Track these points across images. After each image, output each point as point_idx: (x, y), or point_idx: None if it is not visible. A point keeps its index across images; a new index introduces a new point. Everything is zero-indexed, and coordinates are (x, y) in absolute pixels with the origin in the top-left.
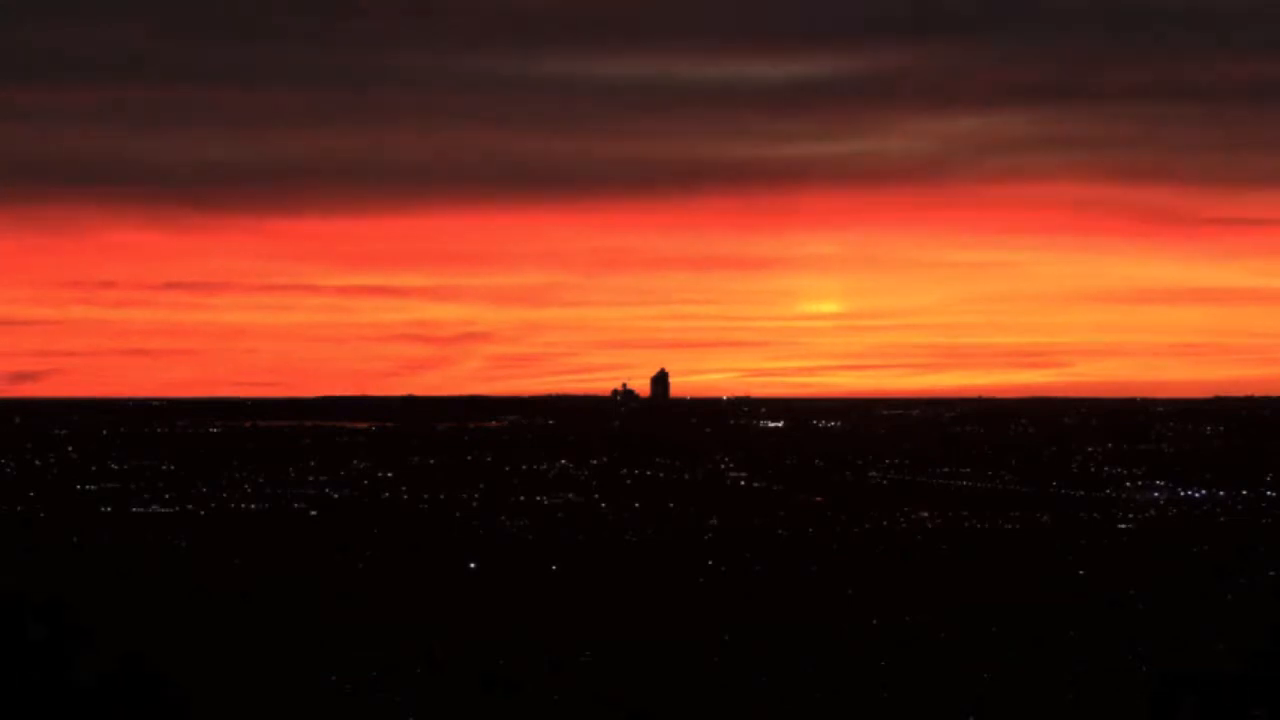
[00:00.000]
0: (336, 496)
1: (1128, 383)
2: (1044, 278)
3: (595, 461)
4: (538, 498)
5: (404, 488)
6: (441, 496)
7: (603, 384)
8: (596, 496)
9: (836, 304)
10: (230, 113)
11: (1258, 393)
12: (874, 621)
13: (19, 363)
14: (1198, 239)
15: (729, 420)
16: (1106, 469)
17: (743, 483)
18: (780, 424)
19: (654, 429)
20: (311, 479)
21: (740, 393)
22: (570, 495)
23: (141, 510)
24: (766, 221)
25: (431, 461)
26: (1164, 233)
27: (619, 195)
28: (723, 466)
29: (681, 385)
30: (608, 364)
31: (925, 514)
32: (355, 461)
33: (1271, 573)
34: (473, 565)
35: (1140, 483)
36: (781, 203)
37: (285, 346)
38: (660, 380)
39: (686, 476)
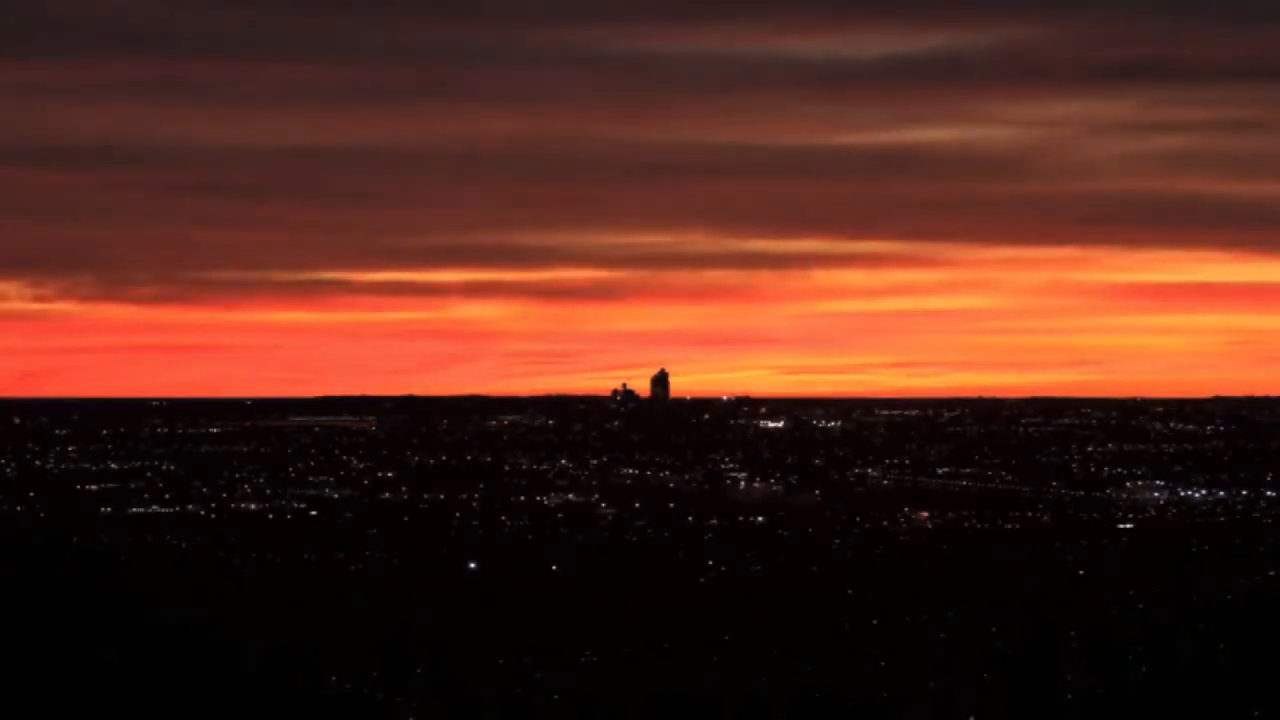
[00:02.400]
0: (336, 497)
1: (1126, 382)
2: (1119, 274)
3: (595, 461)
4: (538, 498)
5: (404, 488)
6: (441, 496)
7: (635, 383)
8: (596, 496)
9: (879, 304)
10: (258, 92)
11: (1258, 392)
12: (874, 621)
13: (31, 359)
14: None
15: (729, 420)
16: (1106, 469)
17: (743, 483)
18: (781, 424)
19: (654, 429)
20: (311, 479)
21: (741, 392)
22: (570, 495)
23: (141, 510)
24: (829, 216)
25: (431, 461)
26: (1255, 230)
27: (672, 185)
28: (723, 466)
29: (709, 384)
30: (643, 362)
31: (925, 514)
32: (355, 461)
33: (1271, 573)
34: (473, 565)
35: (1140, 483)
36: (844, 196)
37: (313, 344)
38: (660, 380)
39: (686, 476)
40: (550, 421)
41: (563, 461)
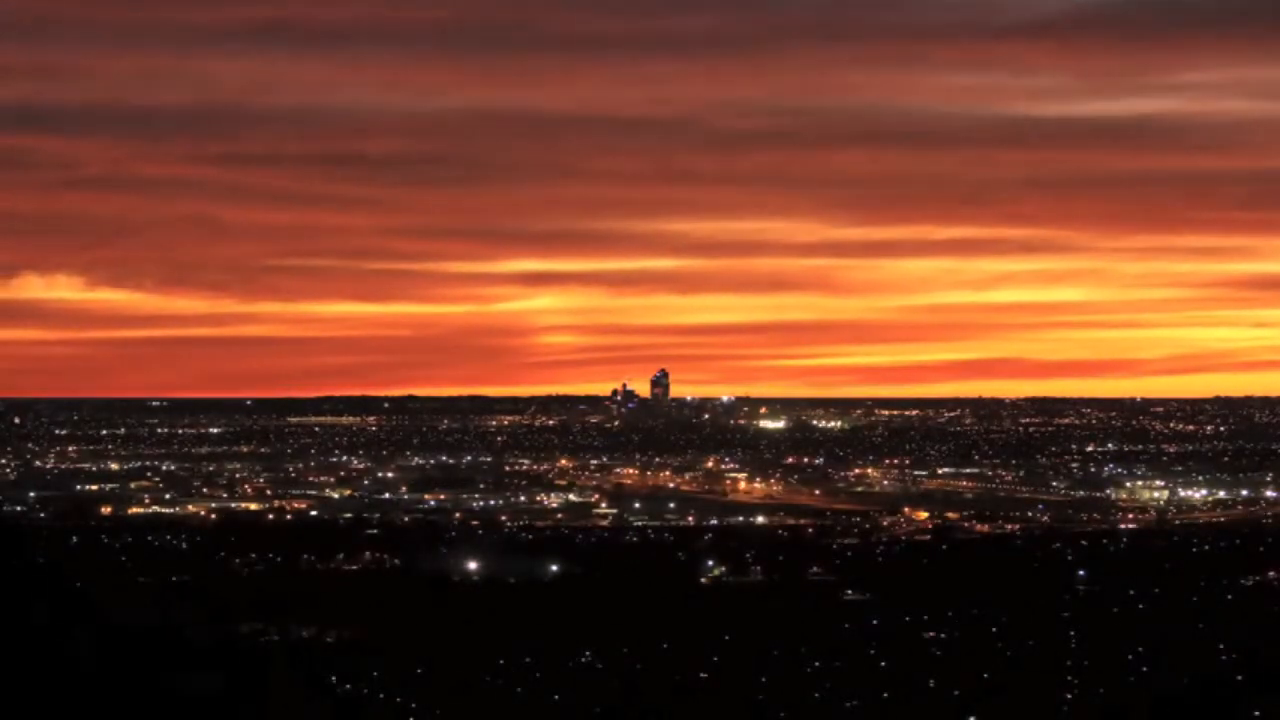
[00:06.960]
0: (336, 496)
1: (1127, 382)
2: (1241, 264)
3: (595, 461)
4: (538, 498)
5: (403, 487)
6: (441, 496)
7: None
8: (596, 496)
9: (944, 297)
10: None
11: (1257, 393)
12: (874, 622)
13: (49, 352)
14: None
15: (729, 420)
16: (1106, 469)
17: (743, 483)
18: (781, 424)
19: (654, 428)
20: (311, 479)
21: (740, 393)
22: (570, 495)
23: (141, 510)
24: (931, 199)
25: (431, 461)
26: None
27: (765, 158)
28: (723, 466)
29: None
30: (659, 360)
31: (925, 514)
32: (355, 461)
33: (1271, 573)
34: (473, 565)
35: (1140, 483)
36: (962, 175)
37: (355, 340)
38: (660, 380)
39: (686, 476)
40: (550, 421)
41: (563, 462)
